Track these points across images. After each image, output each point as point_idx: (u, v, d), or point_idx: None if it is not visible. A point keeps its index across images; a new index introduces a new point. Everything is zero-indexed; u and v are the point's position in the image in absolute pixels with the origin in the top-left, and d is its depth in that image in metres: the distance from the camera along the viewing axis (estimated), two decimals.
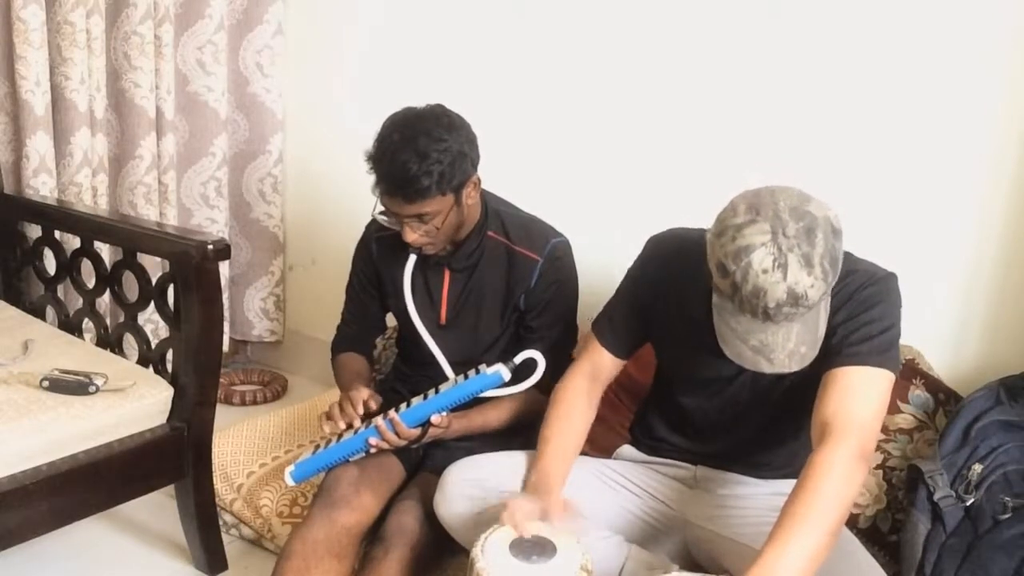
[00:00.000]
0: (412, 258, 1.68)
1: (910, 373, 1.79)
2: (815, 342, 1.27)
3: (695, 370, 1.49)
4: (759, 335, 1.24)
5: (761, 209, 1.21)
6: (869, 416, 1.28)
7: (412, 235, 1.60)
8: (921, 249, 1.82)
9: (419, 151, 1.51)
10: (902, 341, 1.80)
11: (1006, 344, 1.78)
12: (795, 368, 1.27)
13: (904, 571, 1.56)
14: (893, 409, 1.75)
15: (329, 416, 1.66)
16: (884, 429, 1.75)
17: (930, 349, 1.83)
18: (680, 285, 1.46)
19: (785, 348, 1.25)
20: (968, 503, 1.55)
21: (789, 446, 1.51)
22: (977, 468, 1.58)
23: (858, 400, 1.28)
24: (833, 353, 1.32)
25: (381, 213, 1.64)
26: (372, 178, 1.58)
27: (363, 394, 1.65)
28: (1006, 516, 1.52)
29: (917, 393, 1.78)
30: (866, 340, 1.31)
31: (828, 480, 1.21)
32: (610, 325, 1.57)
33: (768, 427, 1.49)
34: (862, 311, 1.33)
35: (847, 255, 1.38)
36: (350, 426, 1.65)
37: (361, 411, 1.63)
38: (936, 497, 1.56)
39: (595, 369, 1.57)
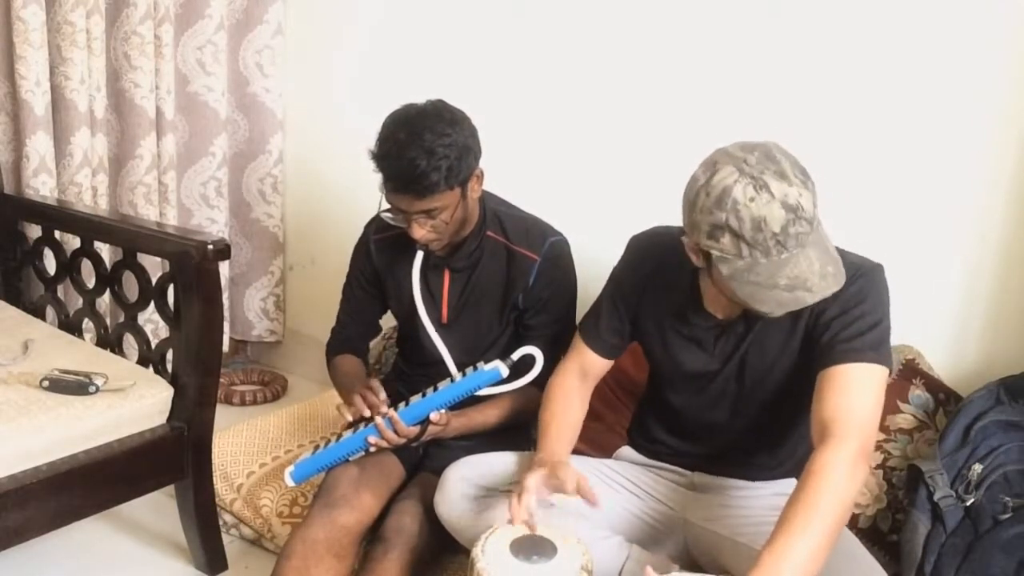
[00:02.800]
0: (419, 255, 1.68)
1: (910, 373, 1.79)
2: (836, 260, 1.26)
3: (681, 365, 1.49)
4: (784, 270, 1.22)
5: (715, 161, 1.25)
6: (868, 415, 1.28)
7: (420, 231, 1.60)
8: (921, 249, 1.82)
9: (426, 148, 1.51)
10: (903, 341, 1.81)
11: (1006, 344, 1.78)
12: (834, 288, 1.25)
13: (904, 571, 1.56)
14: (893, 409, 1.75)
15: (350, 403, 1.64)
16: (884, 429, 1.75)
17: (930, 349, 1.83)
18: (663, 279, 1.46)
19: (814, 271, 1.23)
20: (968, 503, 1.56)
21: (781, 446, 1.51)
22: (977, 468, 1.58)
23: (856, 399, 1.27)
24: (827, 350, 1.31)
25: (387, 211, 1.64)
26: (377, 177, 1.58)
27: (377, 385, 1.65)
28: (1006, 516, 1.53)
29: (917, 393, 1.78)
30: (859, 336, 1.30)
31: (830, 482, 1.20)
32: (595, 326, 1.57)
33: (758, 426, 1.49)
34: (853, 305, 1.32)
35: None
36: (353, 424, 1.65)
37: (384, 398, 1.62)
38: (936, 497, 1.56)
39: (583, 368, 1.59)
